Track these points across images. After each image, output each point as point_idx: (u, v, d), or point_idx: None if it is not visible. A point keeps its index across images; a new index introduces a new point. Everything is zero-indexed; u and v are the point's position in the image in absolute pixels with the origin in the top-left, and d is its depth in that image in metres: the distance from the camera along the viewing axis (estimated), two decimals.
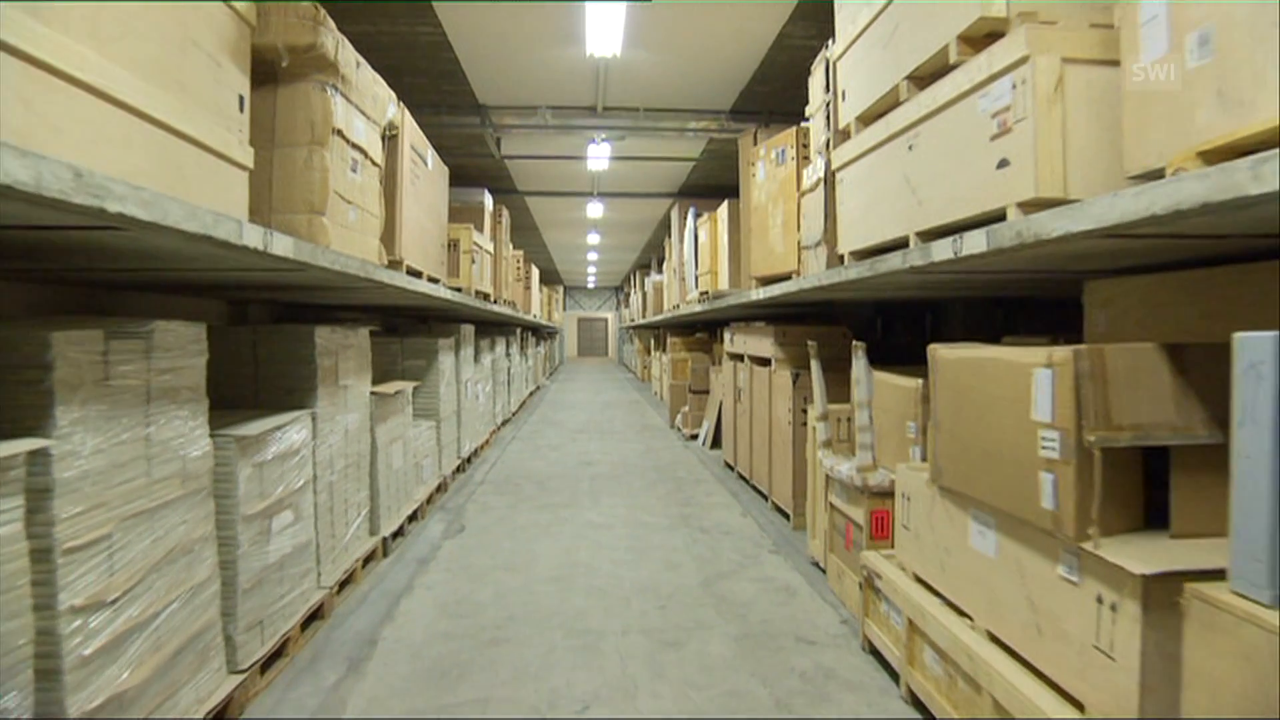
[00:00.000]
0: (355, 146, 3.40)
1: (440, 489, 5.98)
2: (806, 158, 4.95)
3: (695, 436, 8.88)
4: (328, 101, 3.09)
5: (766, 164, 5.38)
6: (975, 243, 2.24)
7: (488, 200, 8.10)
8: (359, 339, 4.07)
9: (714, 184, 9.81)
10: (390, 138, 4.11)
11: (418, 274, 4.68)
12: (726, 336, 6.99)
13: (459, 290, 6.17)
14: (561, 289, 28.98)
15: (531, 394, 15.14)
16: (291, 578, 3.08)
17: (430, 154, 5.06)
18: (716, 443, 8.26)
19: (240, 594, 2.61)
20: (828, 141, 3.88)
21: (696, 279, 9.03)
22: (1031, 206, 2.19)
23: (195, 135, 2.17)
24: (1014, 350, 2.05)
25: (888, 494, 3.25)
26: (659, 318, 13.65)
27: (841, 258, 3.73)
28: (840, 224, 3.75)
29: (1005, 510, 2.06)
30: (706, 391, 8.98)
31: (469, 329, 7.38)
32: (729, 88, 6.37)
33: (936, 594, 2.54)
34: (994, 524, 2.14)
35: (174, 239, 1.81)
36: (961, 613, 2.37)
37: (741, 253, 6.27)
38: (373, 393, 4.29)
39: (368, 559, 4.13)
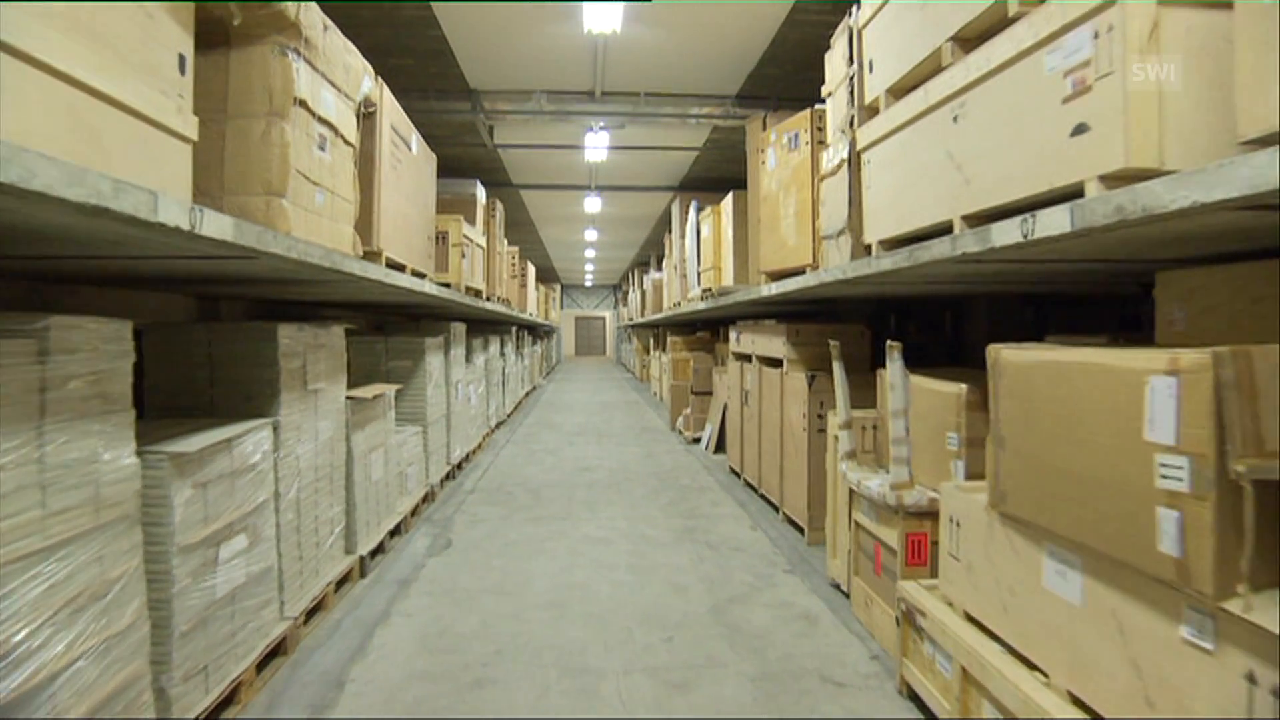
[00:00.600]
0: (323, 121, 3.00)
1: (427, 499, 5.59)
2: (822, 142, 4.58)
3: (698, 440, 8.50)
4: (288, 67, 2.70)
5: (777, 150, 5.00)
6: (1053, 223, 1.86)
7: (480, 192, 7.70)
8: (332, 338, 3.68)
9: (717, 176, 9.42)
10: (366, 115, 3.71)
11: (400, 267, 4.29)
12: (732, 336, 6.61)
13: (447, 286, 5.77)
14: (559, 287, 28.59)
15: (528, 394, 14.75)
16: (246, 611, 2.69)
17: (415, 138, 4.67)
18: (720, 447, 7.88)
19: (176, 638, 2.22)
20: (851, 119, 3.50)
21: (699, 275, 8.65)
22: (1117, 180, 1.81)
23: (117, 96, 1.79)
24: (1113, 353, 1.67)
25: (926, 515, 2.86)
26: (658, 316, 13.27)
27: (868, 248, 3.36)
28: (866, 210, 3.37)
29: (1099, 550, 1.67)
30: (709, 393, 8.60)
31: (460, 327, 6.99)
32: (736, 70, 5.98)
33: (996, 638, 2.16)
34: (1080, 565, 1.76)
35: (56, 211, 1.42)
36: (1031, 665, 1.98)
37: (750, 246, 5.89)
38: (349, 397, 3.89)
39: (342, 581, 3.74)
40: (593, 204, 11.05)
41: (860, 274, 3.16)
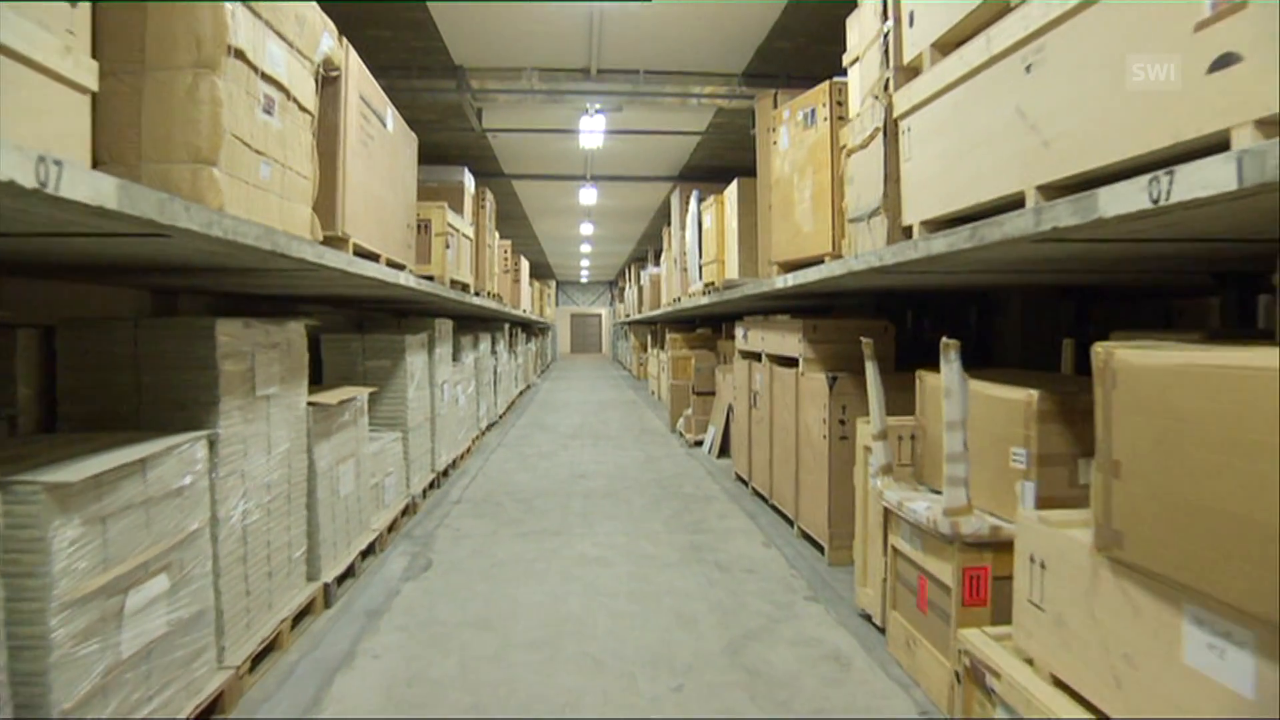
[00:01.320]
0: (269, 80, 2.53)
1: (408, 511, 5.12)
2: (843, 118, 4.13)
3: (700, 443, 8.04)
4: (220, 10, 2.23)
5: (791, 128, 4.53)
6: (1205, 181, 1.39)
7: (468, 180, 7.23)
8: (289, 336, 3.20)
9: (719, 165, 8.94)
10: (328, 80, 3.23)
11: (372, 256, 3.82)
12: (738, 332, 6.15)
13: (430, 279, 5.30)
14: (554, 284, 28.10)
15: (521, 393, 14.28)
16: (169, 666, 2.22)
17: (391, 114, 4.19)
18: (725, 451, 7.42)
19: None
20: (886, 82, 3.03)
21: (700, 269, 8.19)
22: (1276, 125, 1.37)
23: None
24: None
25: (986, 546, 2.41)
26: (656, 313, 12.80)
27: (907, 230, 2.90)
28: (905, 187, 2.91)
29: None
30: (712, 393, 8.13)
31: (446, 324, 6.51)
32: (743, 44, 5.51)
33: (1099, 713, 1.70)
34: (1252, 643, 1.30)
35: None
36: None
37: (759, 236, 5.42)
38: (311, 403, 3.42)
39: (301, 614, 3.27)
40: (588, 195, 10.58)
41: (902, 260, 2.69)
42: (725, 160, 8.70)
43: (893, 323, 4.51)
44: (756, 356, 5.61)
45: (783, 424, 4.90)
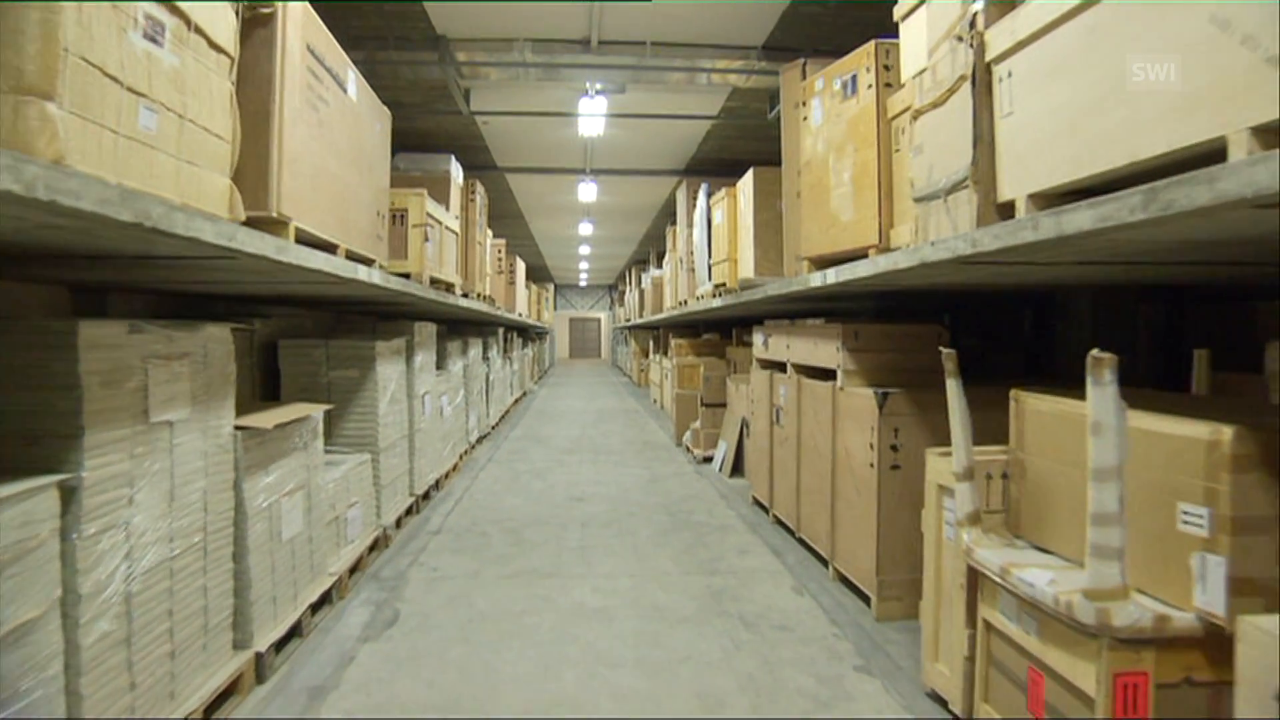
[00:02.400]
0: None
1: (377, 545, 4.42)
2: (890, 84, 3.47)
3: (709, 459, 7.35)
4: None
5: (826, 100, 3.86)
6: None
7: (455, 169, 6.55)
8: (206, 342, 2.51)
9: (730, 157, 8.28)
10: (259, 20, 2.56)
11: (326, 246, 3.14)
12: (756, 339, 5.45)
13: (407, 277, 4.62)
14: (552, 287, 27.43)
15: (517, 401, 13.58)
16: None
17: (354, 79, 3.51)
18: (738, 469, 6.72)
19: None
20: (973, 19, 2.35)
21: (710, 269, 7.50)
22: None
23: None
24: None
25: (1146, 644, 1.71)
26: (659, 317, 12.12)
27: (1004, 207, 2.22)
28: (1004, 150, 2.23)
29: None
30: (722, 405, 7.44)
31: (428, 328, 5.82)
32: (762, 12, 4.83)
33: None
34: None
35: None
36: None
37: (785, 229, 4.74)
38: (240, 428, 2.72)
39: (223, 696, 2.57)
40: (588, 191, 9.90)
41: (1010, 244, 2.00)
42: (736, 152, 8.03)
43: (946, 328, 3.82)
44: (779, 366, 4.92)
45: (814, 446, 4.20)
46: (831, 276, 3.43)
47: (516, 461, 7.55)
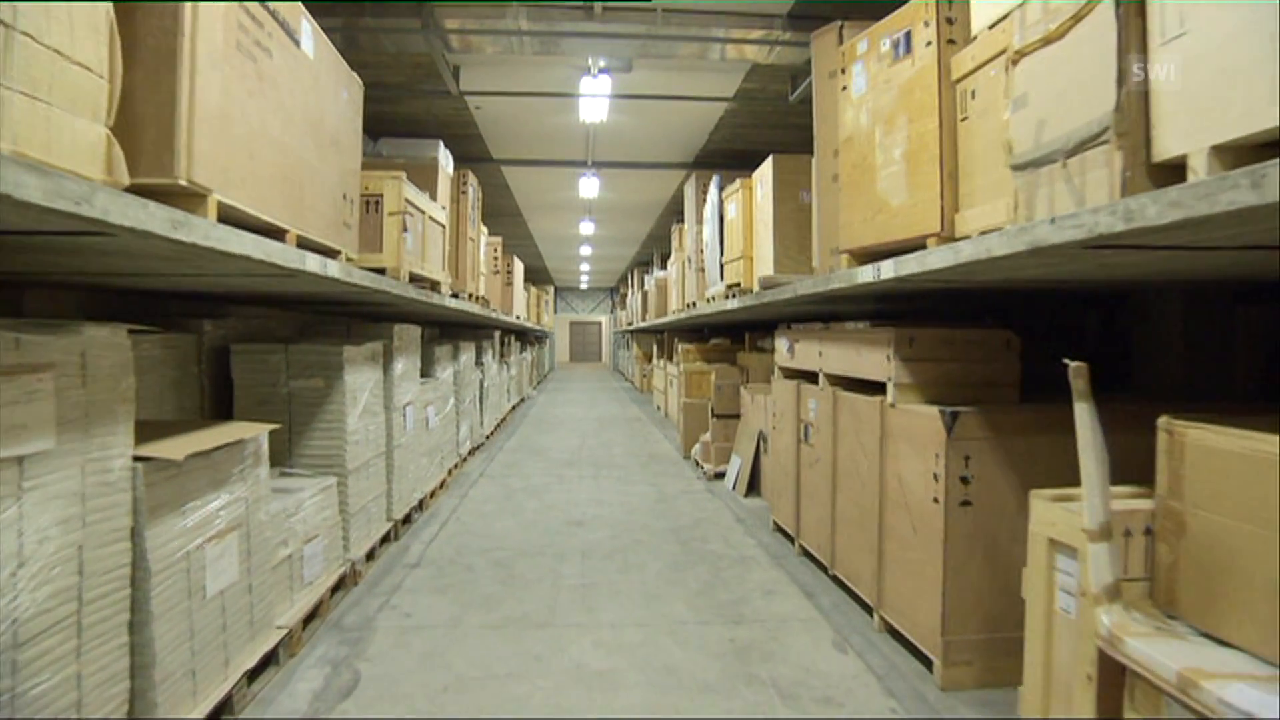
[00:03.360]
0: None
1: (344, 584, 3.80)
2: (953, 40, 2.88)
3: (721, 475, 6.73)
4: None
5: (871, 65, 3.26)
6: None
7: (443, 156, 5.95)
8: (78, 349, 1.90)
9: (743, 149, 7.67)
10: None
11: (271, 231, 2.55)
12: (779, 345, 4.84)
13: (382, 272, 4.01)
14: (552, 290, 26.83)
15: (514, 408, 12.97)
16: None
17: (309, 30, 2.91)
18: (754, 488, 6.11)
19: None
20: None
21: (721, 269, 6.91)
22: None
23: None
24: None
25: None
26: (664, 320, 11.52)
27: (1162, 167, 1.63)
28: (1166, 91, 1.63)
29: None
30: (736, 416, 6.82)
31: (411, 331, 5.21)
32: None
33: None
34: None
35: None
36: None
37: (818, 219, 4.12)
38: (140, 459, 2.11)
39: None
40: (589, 186, 9.30)
41: (1207, 212, 1.39)
42: (751, 141, 7.43)
43: (1017, 334, 3.21)
44: (808, 376, 4.31)
45: (853, 470, 3.59)
46: (889, 270, 2.81)
47: (511, 477, 6.93)
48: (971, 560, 2.76)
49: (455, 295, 6.45)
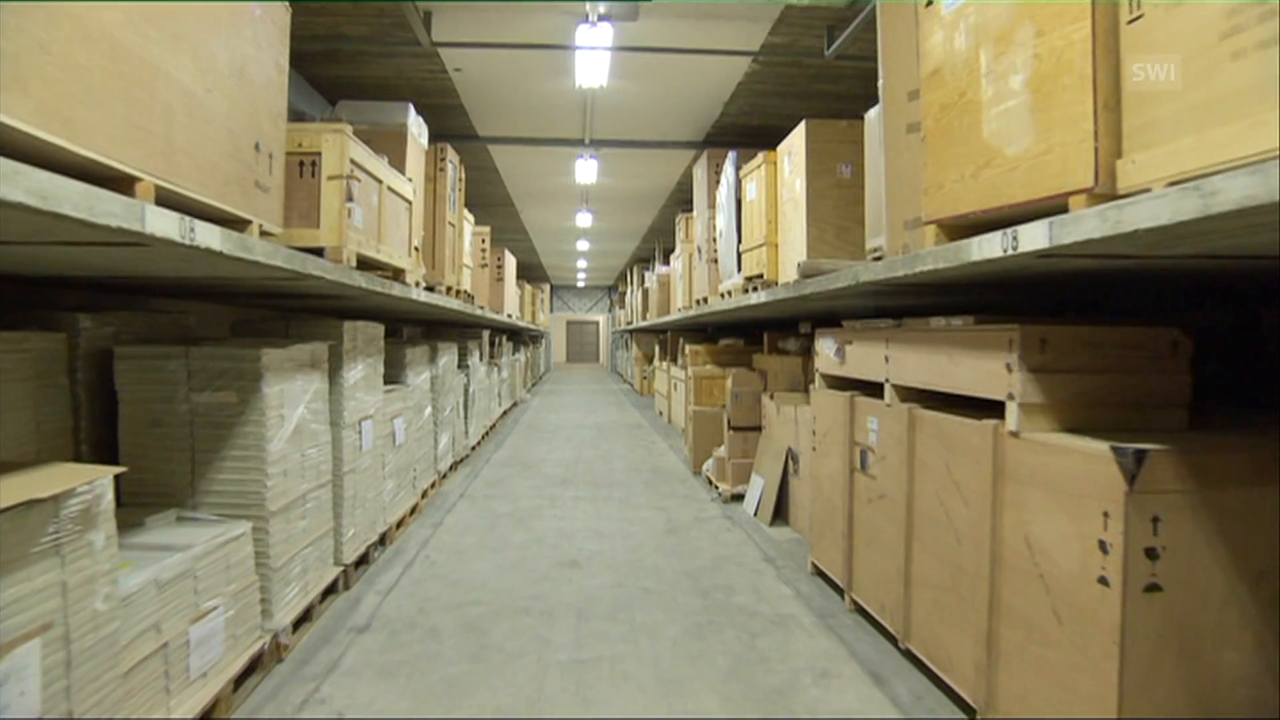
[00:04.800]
0: None
1: (261, 663, 2.87)
2: None
3: (740, 498, 5.81)
4: None
5: None
6: None
7: (415, 124, 5.02)
8: None
9: (761, 124, 6.78)
10: None
11: (106, 178, 1.63)
12: (823, 347, 3.92)
13: (319, 254, 3.09)
14: (548, 288, 25.90)
15: (506, 413, 12.04)
16: None
17: None
18: (779, 513, 5.19)
19: None
20: None
21: (739, 259, 6.01)
22: None
23: None
24: None
25: None
26: (668, 319, 10.61)
27: None
28: None
29: None
30: (756, 429, 5.91)
31: (370, 331, 4.29)
32: None
33: None
34: None
35: None
36: None
37: (885, 186, 3.18)
38: None
39: None
40: (587, 170, 8.37)
41: None
42: (772, 115, 6.53)
43: (1185, 334, 2.29)
44: (868, 387, 3.40)
45: (941, 517, 2.67)
46: (1037, 238, 1.88)
47: (496, 499, 6.00)
48: (1161, 672, 1.85)
49: (430, 288, 5.54)
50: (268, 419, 2.93)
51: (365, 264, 3.62)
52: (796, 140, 4.70)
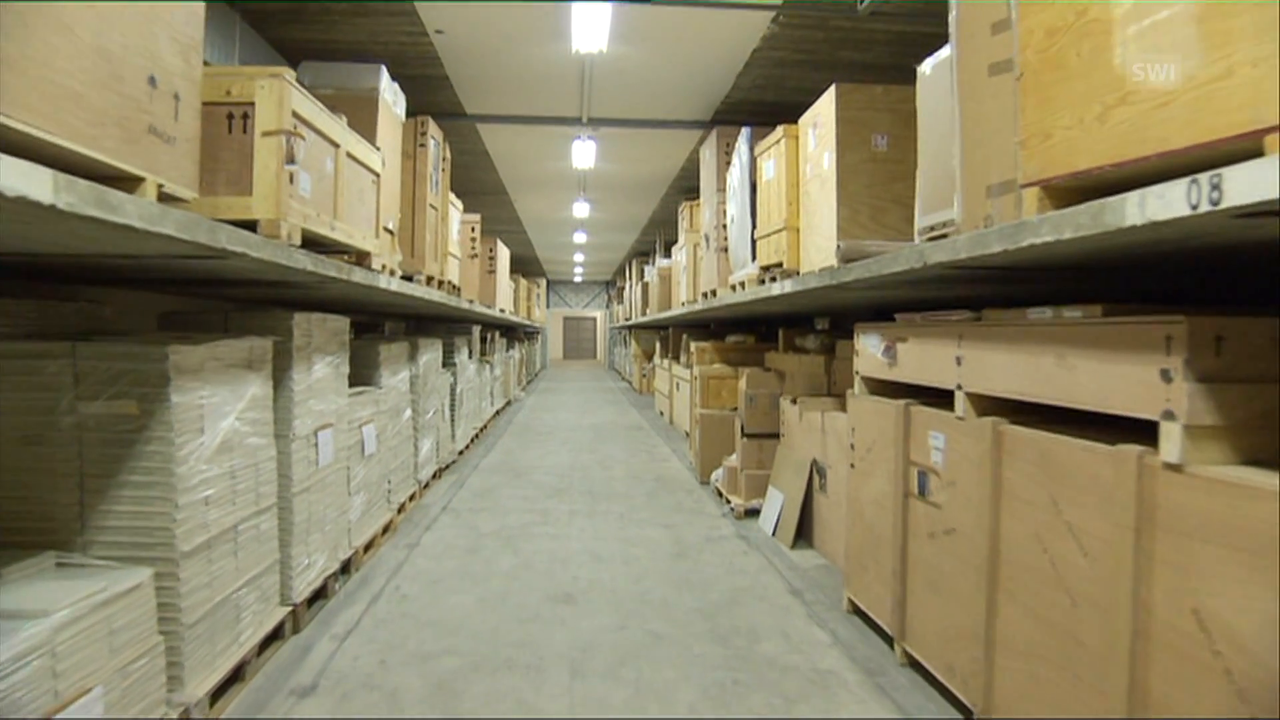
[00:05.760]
0: None
1: None
2: None
3: (754, 513, 5.20)
4: None
5: None
6: None
7: (390, 90, 4.40)
8: None
9: (775, 100, 6.15)
10: None
11: None
12: (866, 346, 3.31)
13: (251, 228, 2.46)
14: (544, 282, 25.29)
15: (499, 412, 11.43)
16: None
17: None
18: (803, 534, 4.58)
19: None
20: None
21: (754, 246, 5.40)
22: None
23: None
24: None
25: None
26: (671, 314, 9.99)
27: None
28: None
29: None
30: (774, 436, 5.29)
31: (330, 325, 3.66)
32: None
33: None
34: None
35: None
36: None
37: (962, 140, 2.55)
38: None
39: None
40: (584, 153, 7.74)
41: None
42: (789, 89, 5.91)
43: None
44: (928, 394, 2.78)
45: (1044, 569, 2.05)
46: (1260, 185, 1.27)
47: (481, 512, 5.38)
48: None
49: (408, 278, 4.92)
50: (178, 434, 2.31)
51: (316, 243, 2.99)
52: (824, 108, 4.10)
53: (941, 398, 2.63)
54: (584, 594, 3.69)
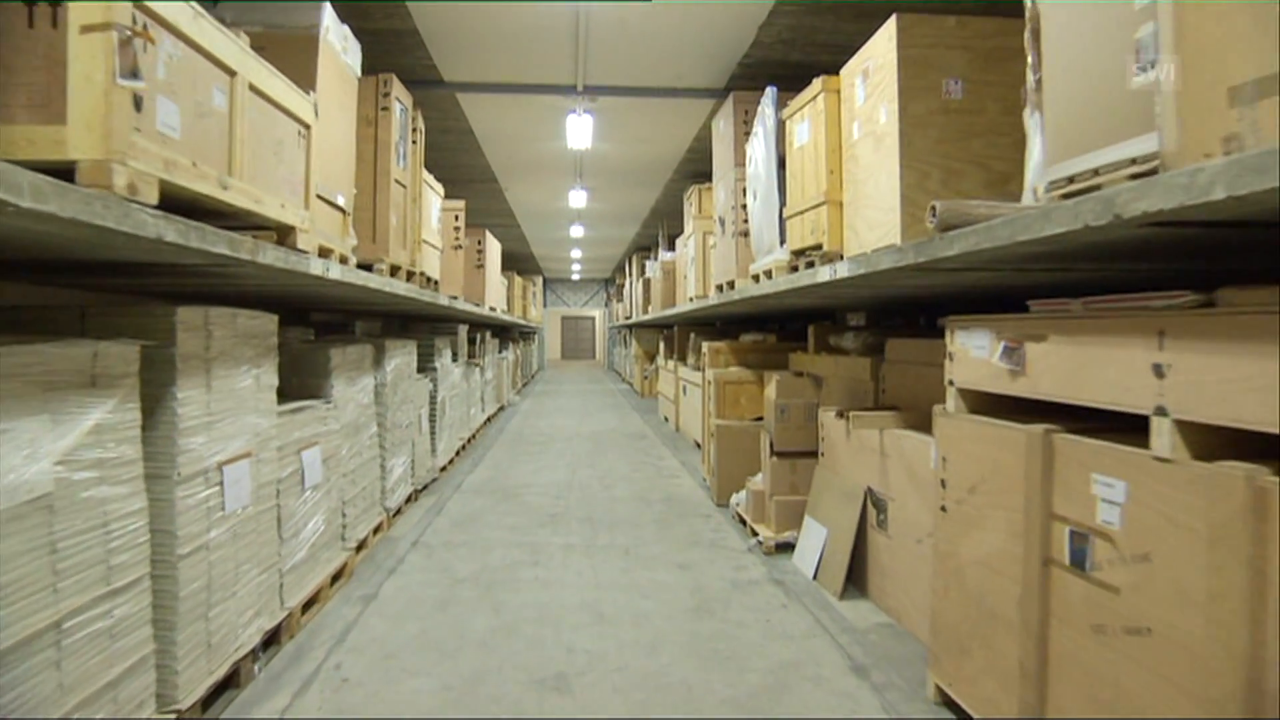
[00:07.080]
0: None
1: None
2: None
3: (785, 547, 4.32)
4: None
5: None
6: None
7: (337, 35, 3.53)
8: None
9: (799, 60, 5.27)
10: None
11: None
12: (967, 347, 2.42)
13: (69, 178, 1.58)
14: (540, 281, 24.41)
15: (491, 418, 10.56)
16: None
17: None
18: (852, 579, 3.70)
19: None
20: None
21: (783, 226, 4.54)
22: None
23: None
24: None
25: None
26: (676, 311, 9.14)
27: None
28: None
29: None
30: (811, 455, 4.41)
31: (248, 324, 2.78)
32: None
33: None
34: None
35: None
36: None
37: (1184, 31, 1.67)
38: None
39: None
40: (581, 131, 6.85)
41: None
42: (819, 46, 5.04)
43: None
44: (1079, 416, 1.91)
45: None
46: None
47: (459, 548, 4.49)
48: None
49: (367, 267, 4.04)
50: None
51: (197, 208, 2.11)
52: (879, 48, 3.25)
53: (1114, 424, 1.75)
54: (581, 675, 2.81)
